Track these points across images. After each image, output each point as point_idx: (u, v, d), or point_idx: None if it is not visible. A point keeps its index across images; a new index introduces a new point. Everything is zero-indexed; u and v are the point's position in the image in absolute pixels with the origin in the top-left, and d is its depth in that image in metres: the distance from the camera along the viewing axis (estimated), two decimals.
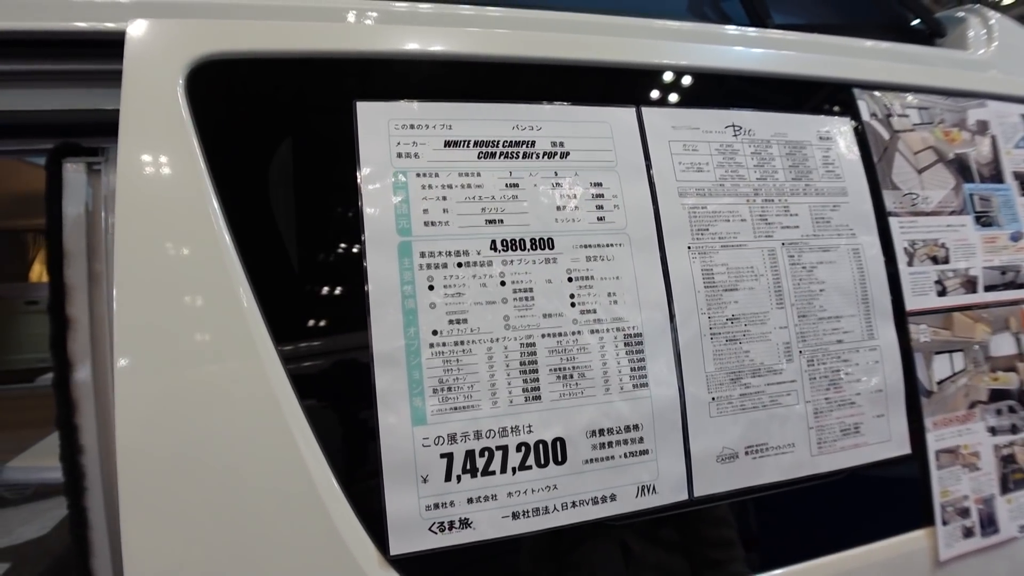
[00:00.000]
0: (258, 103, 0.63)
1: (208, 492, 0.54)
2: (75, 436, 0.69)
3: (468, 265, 0.61)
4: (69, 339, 0.69)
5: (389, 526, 0.56)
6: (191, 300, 0.56)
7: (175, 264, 0.56)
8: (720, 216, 0.71)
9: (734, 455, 0.67)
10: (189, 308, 0.56)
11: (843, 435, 0.71)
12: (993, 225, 0.85)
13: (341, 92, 0.63)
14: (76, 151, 0.72)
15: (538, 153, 0.67)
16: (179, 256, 0.57)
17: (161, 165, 0.58)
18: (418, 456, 0.57)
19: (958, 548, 0.75)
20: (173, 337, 0.55)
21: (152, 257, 0.56)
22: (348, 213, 0.60)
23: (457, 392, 0.59)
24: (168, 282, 0.56)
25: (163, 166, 0.58)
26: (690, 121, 0.73)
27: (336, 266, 0.61)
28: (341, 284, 0.61)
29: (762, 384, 0.69)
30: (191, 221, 0.57)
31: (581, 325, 0.63)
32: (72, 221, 0.71)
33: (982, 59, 1.02)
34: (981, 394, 0.80)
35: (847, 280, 0.75)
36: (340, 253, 0.61)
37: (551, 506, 0.60)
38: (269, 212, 0.61)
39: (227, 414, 0.55)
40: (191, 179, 0.58)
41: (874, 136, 0.81)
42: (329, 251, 0.62)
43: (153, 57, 0.60)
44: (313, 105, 0.65)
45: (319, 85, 0.64)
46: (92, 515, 0.70)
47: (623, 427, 0.63)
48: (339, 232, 0.61)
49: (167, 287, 0.56)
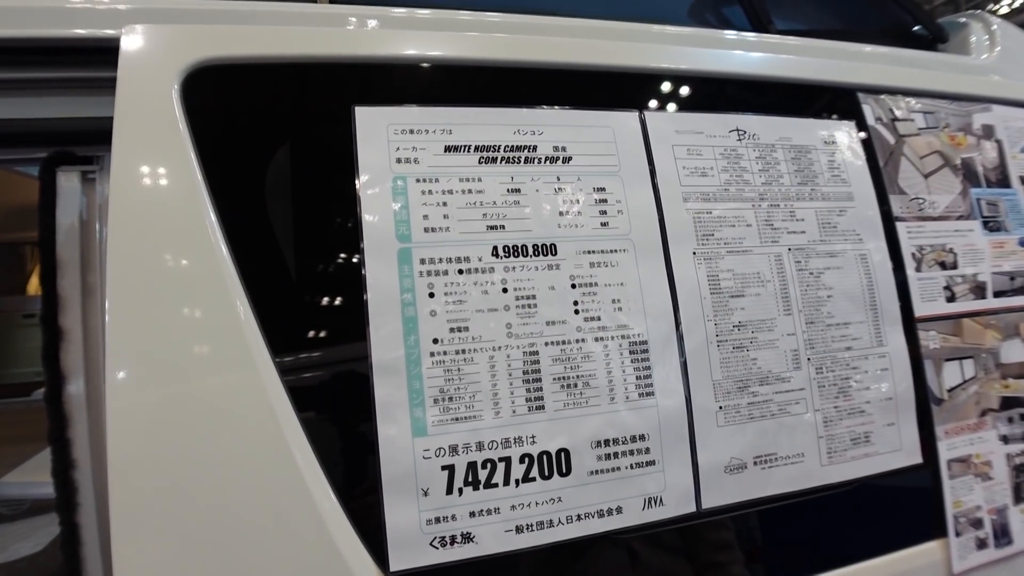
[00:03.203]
0: (254, 109, 0.62)
1: (202, 507, 0.53)
2: (67, 451, 0.68)
3: (469, 272, 0.60)
4: (62, 351, 0.68)
5: (389, 541, 0.55)
6: (186, 310, 0.55)
7: (169, 273, 0.55)
8: (725, 221, 0.70)
9: (743, 465, 0.65)
10: (184, 319, 0.55)
11: (853, 444, 0.70)
12: (1001, 230, 0.84)
13: (338, 97, 0.63)
14: (70, 160, 0.71)
15: (540, 158, 0.65)
16: (174, 265, 0.55)
17: (156, 172, 0.57)
18: (418, 468, 0.56)
19: (972, 560, 0.73)
20: (167, 349, 0.54)
21: (146, 266, 0.55)
22: (346, 219, 0.59)
23: (458, 402, 0.57)
24: (162, 292, 0.55)
25: (158, 173, 0.57)
26: (694, 125, 0.72)
27: (334, 274, 0.60)
28: (339, 292, 0.59)
29: (770, 392, 0.67)
30: (186, 229, 0.56)
31: (585, 333, 0.62)
32: (66, 230, 0.70)
33: (985, 64, 1.02)
34: (992, 402, 0.78)
35: (855, 286, 0.73)
36: (338, 260, 0.60)
37: (555, 519, 0.59)
38: (266, 219, 0.60)
39: (222, 427, 0.54)
40: (186, 186, 0.57)
41: (879, 140, 0.80)
42: (327, 258, 0.60)
43: (148, 62, 0.59)
44: (310, 111, 0.64)
45: (316, 90, 0.63)
46: (84, 532, 0.68)
47: (629, 437, 0.61)
48: (337, 239, 0.60)
49: (161, 297, 0.55)
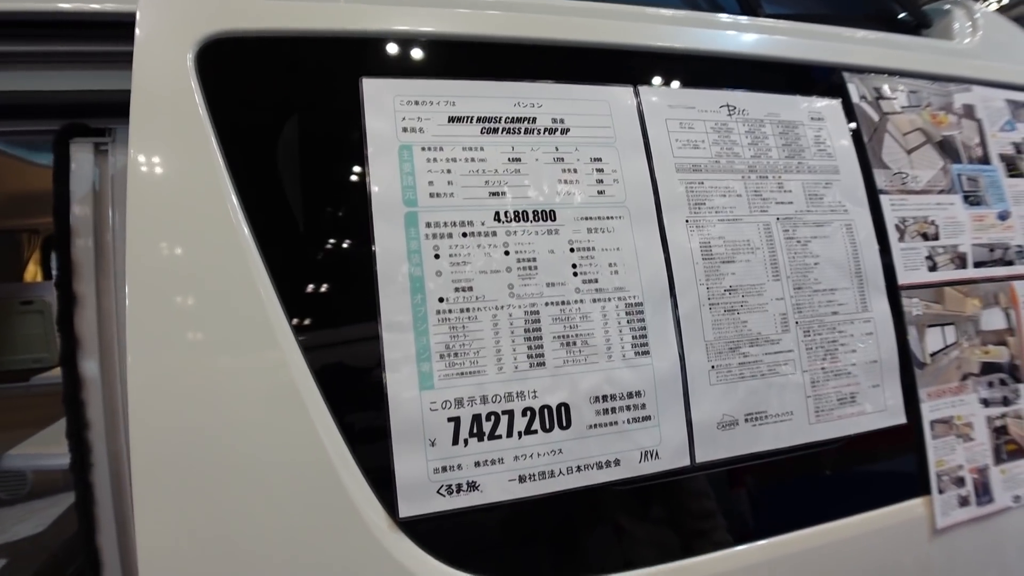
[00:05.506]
0: (266, 80, 0.65)
1: (220, 459, 0.55)
2: (82, 412, 0.70)
3: (473, 235, 0.63)
4: (76, 316, 0.70)
5: (398, 489, 0.57)
6: (202, 272, 0.57)
7: (187, 239, 0.57)
8: (716, 191, 0.73)
9: (734, 422, 0.68)
10: (200, 281, 0.57)
11: (840, 404, 0.73)
12: (981, 204, 0.88)
13: (349, 69, 0.65)
14: (83, 132, 0.73)
15: (539, 129, 0.68)
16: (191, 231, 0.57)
17: (172, 142, 0.59)
18: (426, 420, 0.58)
19: (954, 516, 0.77)
20: (185, 309, 0.56)
21: (164, 233, 0.57)
22: (355, 185, 0.62)
23: (463, 358, 0.60)
24: (180, 256, 0.57)
25: (174, 143, 0.59)
26: (686, 100, 0.75)
27: (344, 235, 0.62)
28: (349, 252, 0.62)
29: (760, 353, 0.70)
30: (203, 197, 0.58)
31: (583, 294, 0.65)
32: (79, 200, 0.72)
33: (967, 49, 1.05)
34: (973, 367, 0.82)
35: (840, 254, 0.76)
36: (347, 223, 0.62)
37: (557, 470, 0.61)
38: (279, 184, 0.62)
39: (238, 383, 0.56)
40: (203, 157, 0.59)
41: (864, 117, 0.84)
42: (337, 221, 0.63)
43: (164, 34, 0.61)
44: (321, 82, 0.66)
45: (327, 62, 0.66)
46: (98, 491, 0.70)
47: (626, 393, 0.64)
48: (346, 203, 0.63)
49: (179, 262, 0.57)
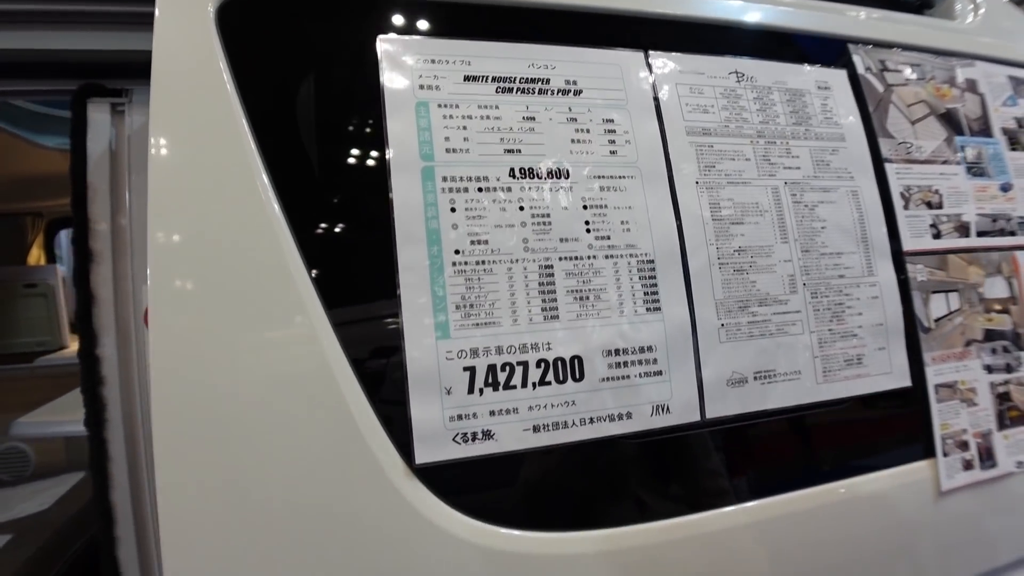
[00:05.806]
0: (286, 37, 0.65)
1: (239, 407, 0.55)
2: (96, 368, 0.70)
3: (488, 190, 0.64)
4: (92, 272, 0.71)
5: (414, 436, 0.58)
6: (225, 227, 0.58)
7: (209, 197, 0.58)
8: (725, 155, 0.74)
9: (743, 379, 0.69)
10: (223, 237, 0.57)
11: (847, 365, 0.74)
12: (984, 176, 0.89)
13: (367, 27, 0.66)
14: (100, 92, 0.74)
15: (553, 90, 0.69)
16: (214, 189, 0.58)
17: (194, 99, 0.59)
18: (442, 369, 0.59)
19: (959, 479, 0.78)
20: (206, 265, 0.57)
21: (187, 192, 0.57)
22: (373, 139, 0.63)
23: (479, 309, 0.61)
24: (202, 213, 0.57)
25: (196, 100, 0.59)
26: (695, 66, 0.76)
27: (363, 188, 0.63)
28: (368, 205, 0.62)
29: (769, 313, 0.71)
30: (226, 154, 0.59)
31: (596, 250, 0.66)
32: (96, 159, 0.73)
33: (968, 28, 1.06)
34: (976, 333, 0.83)
35: (847, 219, 0.78)
36: (366, 175, 0.63)
37: (570, 421, 0.62)
38: (298, 139, 0.63)
39: (254, 331, 0.57)
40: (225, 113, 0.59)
41: (869, 88, 0.85)
42: (356, 174, 0.64)
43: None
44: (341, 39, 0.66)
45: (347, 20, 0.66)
46: (112, 447, 0.71)
47: (637, 348, 0.65)
48: (365, 156, 0.63)
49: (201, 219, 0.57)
